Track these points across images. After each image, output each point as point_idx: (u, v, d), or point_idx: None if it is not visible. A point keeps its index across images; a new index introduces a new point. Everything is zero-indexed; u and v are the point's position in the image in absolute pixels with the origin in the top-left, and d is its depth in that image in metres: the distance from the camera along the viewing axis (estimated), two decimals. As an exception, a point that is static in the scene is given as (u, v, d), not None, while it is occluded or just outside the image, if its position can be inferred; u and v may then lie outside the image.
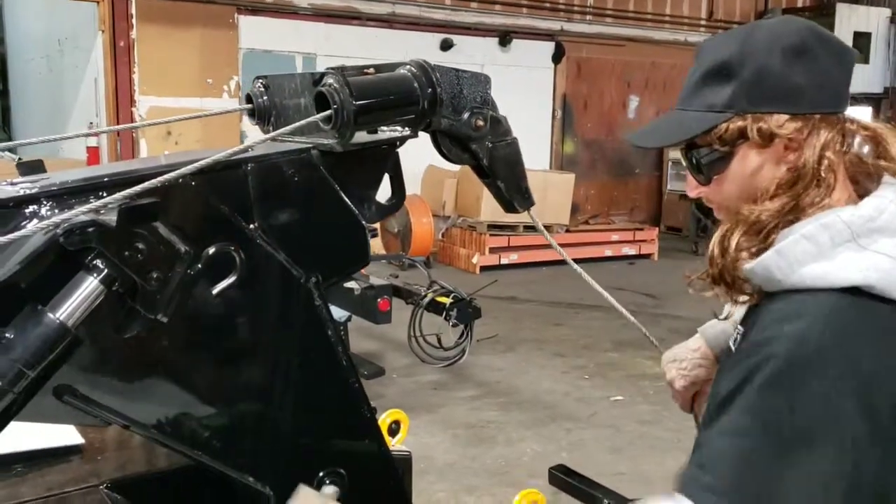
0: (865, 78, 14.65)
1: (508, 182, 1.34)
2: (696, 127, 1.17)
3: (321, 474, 1.26)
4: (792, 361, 1.01)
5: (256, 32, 9.97)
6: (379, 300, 5.29)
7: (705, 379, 1.44)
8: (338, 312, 5.12)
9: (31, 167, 1.20)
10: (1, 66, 13.50)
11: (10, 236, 0.94)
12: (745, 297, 1.19)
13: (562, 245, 1.56)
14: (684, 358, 1.47)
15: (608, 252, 10.83)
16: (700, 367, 1.46)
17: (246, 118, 1.36)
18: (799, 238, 1.09)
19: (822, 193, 1.12)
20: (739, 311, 1.29)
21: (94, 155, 9.14)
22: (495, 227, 9.91)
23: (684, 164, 1.25)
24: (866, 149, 1.19)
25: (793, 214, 1.12)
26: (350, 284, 5.24)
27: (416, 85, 1.20)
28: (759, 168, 1.16)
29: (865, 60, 14.64)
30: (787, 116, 1.12)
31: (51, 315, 0.94)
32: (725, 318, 1.38)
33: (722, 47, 1.18)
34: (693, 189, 1.26)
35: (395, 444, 1.76)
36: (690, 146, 1.21)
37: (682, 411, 1.53)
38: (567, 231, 10.53)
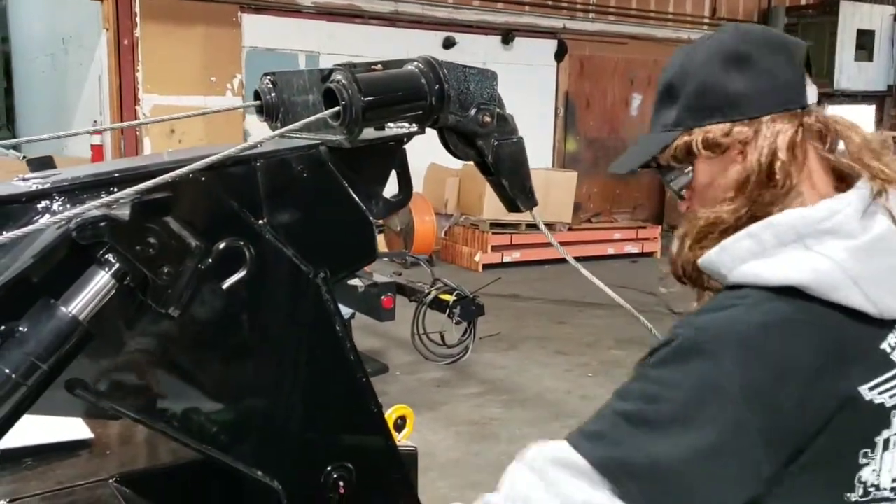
0: (869, 76, 14.64)
1: (512, 180, 1.34)
2: (653, 149, 1.22)
3: (328, 468, 1.26)
4: (689, 343, 1.03)
5: (259, 31, 9.98)
6: (382, 297, 5.31)
7: None
8: (342, 310, 5.12)
9: (42, 163, 1.21)
10: (5, 64, 13.55)
11: (23, 230, 0.95)
12: (707, 291, 1.21)
13: (564, 243, 1.57)
14: None
15: (611, 250, 10.84)
16: None
17: (249, 116, 1.37)
18: (743, 235, 1.09)
19: (780, 193, 1.11)
20: None
21: (97, 153, 9.16)
22: (498, 225, 9.92)
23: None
24: (841, 145, 1.17)
25: (752, 213, 1.12)
26: (354, 282, 5.26)
27: (423, 81, 1.20)
28: (715, 177, 1.17)
29: (869, 58, 14.63)
30: (731, 124, 1.14)
31: (63, 309, 0.94)
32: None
33: (668, 68, 1.23)
34: (681, 205, 1.29)
35: (401, 440, 1.77)
36: (660, 167, 1.25)
37: None
38: (569, 229, 10.53)
